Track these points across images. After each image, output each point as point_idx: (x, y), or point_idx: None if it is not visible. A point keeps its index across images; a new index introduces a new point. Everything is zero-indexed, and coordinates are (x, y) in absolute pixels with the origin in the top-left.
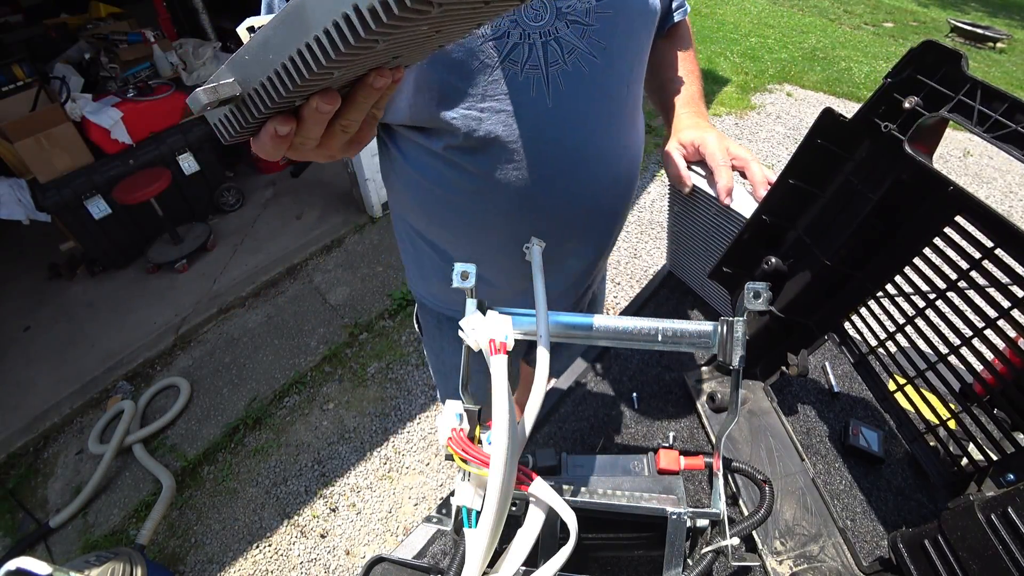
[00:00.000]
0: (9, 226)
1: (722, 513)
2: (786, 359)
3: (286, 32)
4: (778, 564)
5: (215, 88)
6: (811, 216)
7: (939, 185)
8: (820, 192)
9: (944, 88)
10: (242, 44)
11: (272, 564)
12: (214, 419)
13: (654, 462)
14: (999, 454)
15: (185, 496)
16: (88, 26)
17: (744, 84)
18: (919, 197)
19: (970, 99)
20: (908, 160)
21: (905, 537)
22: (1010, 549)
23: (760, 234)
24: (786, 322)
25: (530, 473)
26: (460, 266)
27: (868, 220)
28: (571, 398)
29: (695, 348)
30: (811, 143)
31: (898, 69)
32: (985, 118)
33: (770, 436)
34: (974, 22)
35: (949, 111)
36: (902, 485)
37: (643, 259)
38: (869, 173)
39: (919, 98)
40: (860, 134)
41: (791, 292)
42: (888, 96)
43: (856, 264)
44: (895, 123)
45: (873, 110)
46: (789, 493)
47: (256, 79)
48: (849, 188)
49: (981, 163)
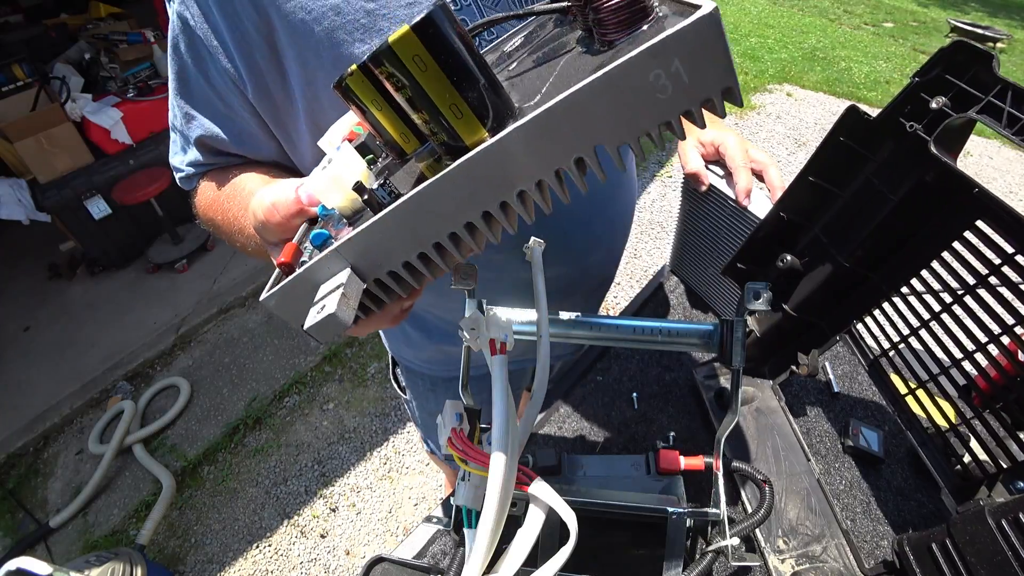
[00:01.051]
0: (9, 226)
1: (722, 513)
2: (796, 358)
3: (459, 196)
4: (780, 563)
5: (328, 296)
6: (829, 215)
7: (963, 187)
8: (839, 191)
9: (973, 89)
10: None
11: (272, 564)
12: (214, 419)
13: (654, 462)
14: (1010, 461)
15: (185, 496)
16: (88, 26)
17: (744, 84)
18: (941, 199)
19: (1000, 101)
20: (933, 161)
21: (912, 540)
22: (1020, 555)
23: (777, 232)
24: (798, 321)
25: (530, 473)
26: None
27: (887, 221)
28: (571, 398)
29: (695, 348)
30: (833, 141)
31: (926, 68)
32: (1015, 120)
33: (776, 435)
34: (974, 22)
35: (978, 112)
36: (902, 485)
37: (643, 259)
38: (891, 174)
39: (947, 98)
40: (884, 133)
41: (805, 291)
42: (915, 96)
43: (872, 265)
44: (921, 123)
45: (899, 109)
46: (794, 492)
47: (388, 265)
48: (870, 188)
49: (981, 163)
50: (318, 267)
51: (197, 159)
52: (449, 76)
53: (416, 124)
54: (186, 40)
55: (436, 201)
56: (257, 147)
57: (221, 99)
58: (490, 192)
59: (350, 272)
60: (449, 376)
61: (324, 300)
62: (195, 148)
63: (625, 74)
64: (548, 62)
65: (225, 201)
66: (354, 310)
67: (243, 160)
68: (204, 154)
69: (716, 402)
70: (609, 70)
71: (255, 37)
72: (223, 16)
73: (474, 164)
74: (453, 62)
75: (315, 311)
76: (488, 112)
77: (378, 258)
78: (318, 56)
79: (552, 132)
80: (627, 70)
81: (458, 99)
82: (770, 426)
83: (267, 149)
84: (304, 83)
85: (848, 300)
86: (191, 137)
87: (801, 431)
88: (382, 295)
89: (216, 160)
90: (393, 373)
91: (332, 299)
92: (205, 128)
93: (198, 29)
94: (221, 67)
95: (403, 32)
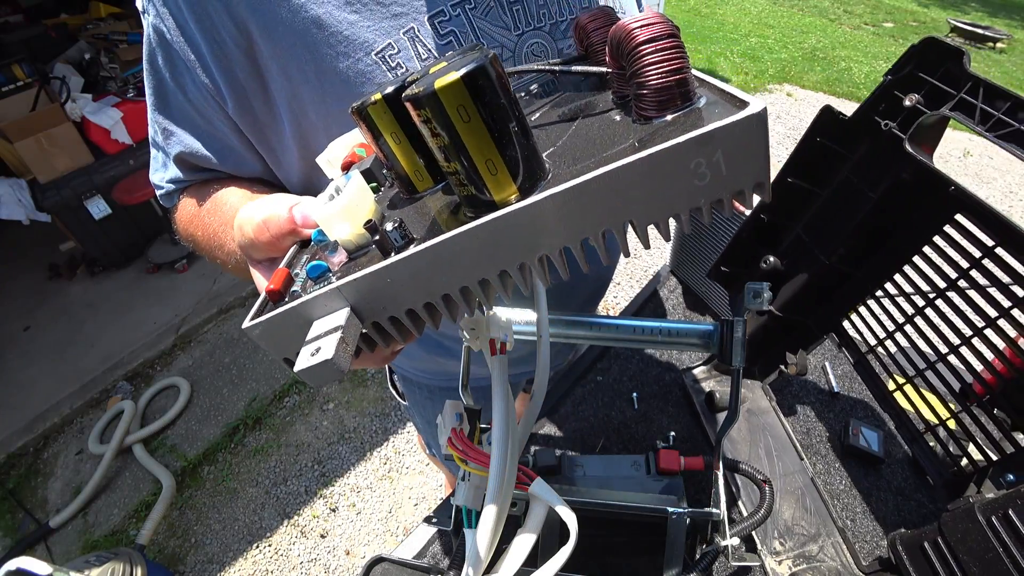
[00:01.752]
0: (9, 226)
1: (722, 513)
2: (785, 358)
3: (479, 253)
4: (777, 564)
5: (324, 338)
6: (810, 215)
7: (940, 184)
8: (819, 191)
9: (945, 86)
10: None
11: (272, 564)
12: (214, 419)
13: (654, 462)
14: (999, 454)
15: (185, 496)
16: (88, 26)
17: (744, 84)
18: (919, 196)
19: (972, 97)
20: (908, 159)
21: (904, 539)
22: (1011, 552)
23: (759, 233)
24: (785, 321)
25: (530, 473)
26: None
27: (867, 219)
28: (571, 398)
29: (695, 348)
30: (810, 141)
31: (899, 66)
32: (987, 116)
33: (769, 436)
34: (974, 22)
35: (951, 109)
36: (902, 485)
37: (643, 259)
38: (869, 172)
39: (920, 96)
40: (860, 132)
41: (790, 291)
42: (888, 94)
43: (855, 263)
44: (895, 121)
45: (873, 108)
46: (788, 493)
47: (390, 311)
48: (849, 186)
49: (981, 163)
50: (314, 303)
51: (177, 176)
52: (491, 132)
53: (439, 168)
54: (163, 54)
55: (455, 255)
56: (239, 163)
57: (200, 114)
58: (512, 253)
59: (349, 313)
60: (446, 386)
61: (319, 341)
62: (175, 165)
63: (670, 158)
64: (574, 120)
65: (206, 216)
66: (351, 356)
67: (225, 175)
68: (184, 171)
69: (707, 405)
70: (655, 152)
71: (234, 50)
72: (200, 29)
73: (501, 223)
74: (498, 118)
75: (308, 352)
76: (520, 171)
77: (382, 303)
78: (301, 70)
79: (587, 203)
80: (673, 155)
81: (496, 155)
82: (762, 426)
83: (249, 165)
84: (288, 97)
85: (833, 298)
86: (171, 153)
87: (801, 431)
88: (377, 339)
89: (197, 176)
90: (391, 380)
91: (329, 342)
92: (185, 144)
93: (174, 43)
94: (199, 81)
95: (451, 80)
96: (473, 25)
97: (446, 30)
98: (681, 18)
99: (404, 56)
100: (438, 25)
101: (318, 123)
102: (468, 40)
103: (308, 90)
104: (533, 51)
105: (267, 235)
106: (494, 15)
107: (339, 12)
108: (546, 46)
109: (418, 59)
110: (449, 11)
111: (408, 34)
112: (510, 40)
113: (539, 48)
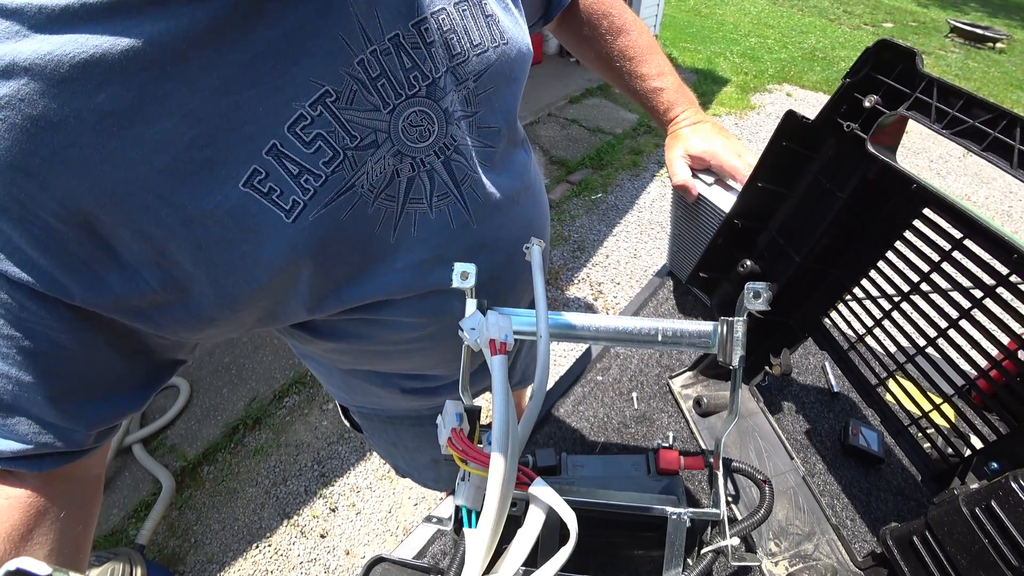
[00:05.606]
0: None
1: (722, 513)
2: (769, 359)
3: None
4: (774, 566)
5: None
6: (783, 217)
7: (903, 182)
8: (790, 193)
9: (901, 86)
10: None
11: (272, 564)
12: (214, 419)
13: (654, 462)
14: (983, 443)
15: (185, 496)
16: None
17: (744, 84)
18: (886, 194)
19: (927, 96)
20: (872, 159)
21: (894, 534)
22: (996, 543)
23: (734, 238)
24: (766, 322)
25: (530, 473)
26: (460, 266)
27: (839, 218)
28: (571, 398)
29: (695, 348)
30: (776, 146)
31: (856, 68)
32: (943, 115)
33: (759, 437)
34: (974, 22)
35: (907, 109)
36: (902, 485)
37: (643, 259)
38: (836, 172)
39: (879, 96)
40: (825, 134)
41: None
42: (849, 96)
43: (831, 261)
44: (857, 122)
45: (835, 110)
46: (780, 493)
47: None
48: (818, 187)
49: (980, 163)
50: None
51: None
52: None
53: None
54: None
55: None
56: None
57: (30, 335)
58: None
59: None
60: (408, 415)
61: None
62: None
63: None
64: None
65: None
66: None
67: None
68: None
69: (696, 410)
70: None
71: (61, 228)
72: (7, 219)
73: None
74: None
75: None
76: None
77: None
78: (162, 225)
79: None
80: None
81: None
82: (751, 428)
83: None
84: (154, 256)
85: (812, 297)
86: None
87: (800, 431)
88: None
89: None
90: (344, 415)
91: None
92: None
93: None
94: (15, 280)
95: None
96: (340, 119)
97: (311, 135)
98: (681, 18)
99: (275, 178)
100: (300, 133)
101: (195, 271)
102: (339, 140)
103: (175, 243)
104: (412, 123)
105: None
106: (359, 100)
107: (186, 154)
108: (427, 112)
109: (292, 178)
110: (309, 113)
111: (271, 153)
112: (381, 121)
113: (418, 118)
